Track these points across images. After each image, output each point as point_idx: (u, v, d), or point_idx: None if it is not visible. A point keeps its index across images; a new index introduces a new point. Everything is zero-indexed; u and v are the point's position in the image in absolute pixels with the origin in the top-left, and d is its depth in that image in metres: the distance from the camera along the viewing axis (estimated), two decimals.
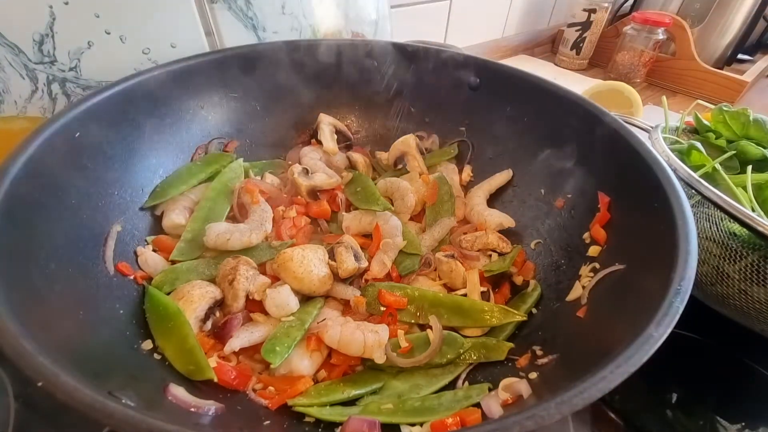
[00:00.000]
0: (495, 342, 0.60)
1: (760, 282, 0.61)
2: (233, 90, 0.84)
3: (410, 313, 0.63)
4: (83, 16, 0.74)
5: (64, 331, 0.47)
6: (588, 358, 0.47)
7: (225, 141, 0.84)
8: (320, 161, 0.85)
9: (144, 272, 0.64)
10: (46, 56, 0.74)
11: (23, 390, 0.60)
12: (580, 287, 0.61)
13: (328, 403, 0.53)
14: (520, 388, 0.50)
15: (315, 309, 0.61)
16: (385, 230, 0.71)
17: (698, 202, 0.69)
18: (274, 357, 0.55)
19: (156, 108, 0.74)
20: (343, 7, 0.97)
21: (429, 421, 0.49)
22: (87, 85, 0.79)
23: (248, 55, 0.83)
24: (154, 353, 0.54)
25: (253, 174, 0.81)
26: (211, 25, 0.86)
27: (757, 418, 0.65)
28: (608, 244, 0.62)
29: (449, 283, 0.68)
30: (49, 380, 0.36)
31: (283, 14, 0.91)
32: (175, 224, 0.70)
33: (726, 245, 0.64)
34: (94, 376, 0.39)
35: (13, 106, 0.77)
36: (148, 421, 0.34)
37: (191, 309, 0.57)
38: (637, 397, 0.66)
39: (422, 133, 0.92)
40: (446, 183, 0.80)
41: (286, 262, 0.62)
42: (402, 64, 0.88)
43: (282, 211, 0.74)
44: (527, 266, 0.71)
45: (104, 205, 0.64)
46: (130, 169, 0.69)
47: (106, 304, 0.56)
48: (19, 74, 0.74)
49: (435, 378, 0.57)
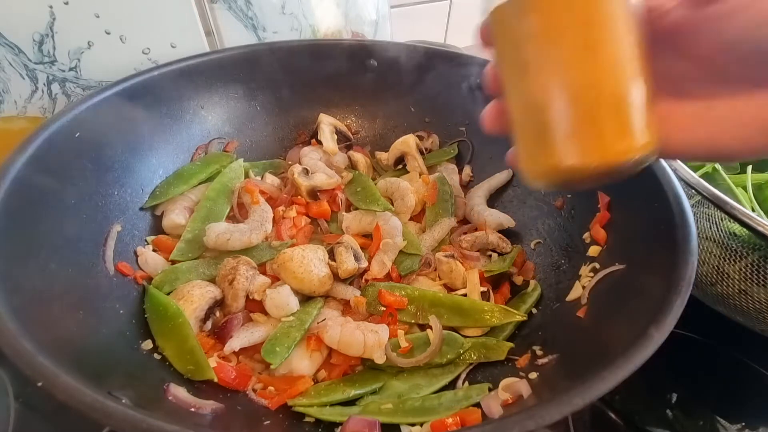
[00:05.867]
0: (495, 342, 0.60)
1: (760, 282, 0.61)
2: (233, 90, 0.84)
3: (410, 313, 0.63)
4: (83, 16, 0.74)
5: (64, 331, 0.47)
6: (588, 358, 0.47)
7: (225, 141, 0.84)
8: (320, 161, 0.85)
9: (144, 272, 0.64)
10: (46, 56, 0.74)
11: (23, 390, 0.60)
12: (580, 287, 0.61)
13: (328, 403, 0.53)
14: (520, 388, 0.50)
15: (315, 309, 0.61)
16: (385, 230, 0.71)
17: (698, 202, 0.69)
18: (274, 357, 0.55)
19: (156, 108, 0.74)
20: (343, 7, 0.97)
21: (429, 421, 0.49)
22: (87, 85, 0.79)
23: (248, 55, 0.83)
24: (154, 353, 0.54)
25: (253, 174, 0.81)
26: (211, 25, 0.86)
27: (757, 418, 0.65)
28: (608, 244, 0.62)
29: (449, 283, 0.68)
30: (49, 380, 0.36)
31: (283, 14, 0.91)
32: (175, 224, 0.70)
33: (726, 245, 0.64)
34: (94, 376, 0.39)
35: (13, 106, 0.77)
36: (148, 421, 0.34)
37: (191, 309, 0.57)
38: (637, 397, 0.66)
39: (422, 133, 0.92)
40: (446, 183, 0.80)
41: (286, 262, 0.62)
42: (402, 64, 0.88)
43: (282, 211, 0.74)
44: (527, 266, 0.71)
45: (104, 205, 0.64)
46: (130, 169, 0.69)
47: (106, 304, 0.56)
48: (19, 74, 0.74)
49: (435, 378, 0.57)
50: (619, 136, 0.32)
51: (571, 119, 0.32)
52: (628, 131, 0.32)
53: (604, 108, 0.32)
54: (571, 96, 0.32)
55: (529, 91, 0.34)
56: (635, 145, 0.32)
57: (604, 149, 0.32)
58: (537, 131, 0.34)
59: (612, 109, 0.32)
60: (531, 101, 0.34)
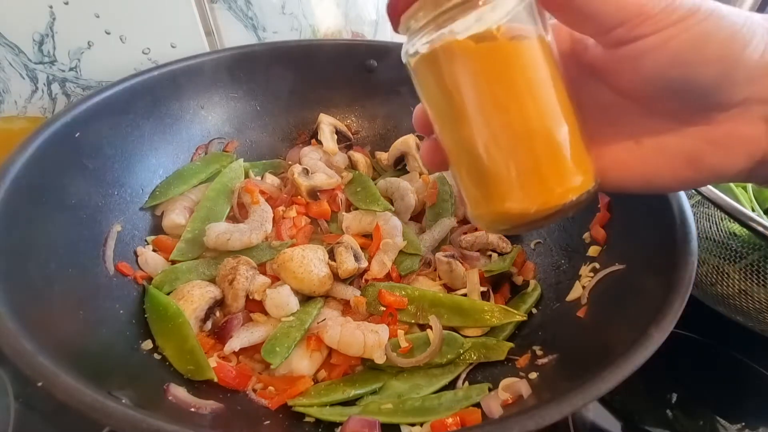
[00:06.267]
0: (495, 342, 0.60)
1: (760, 282, 0.61)
2: (233, 90, 0.84)
3: (410, 313, 0.63)
4: (83, 16, 0.74)
5: (64, 331, 0.47)
6: (588, 358, 0.47)
7: (225, 141, 0.84)
8: (320, 161, 0.85)
9: (144, 272, 0.64)
10: (46, 56, 0.74)
11: (23, 390, 0.60)
12: (580, 287, 0.61)
13: (328, 403, 0.53)
14: (520, 388, 0.50)
15: (315, 309, 0.61)
16: (385, 230, 0.71)
17: (698, 202, 0.69)
18: (274, 357, 0.55)
19: (156, 108, 0.74)
20: (343, 7, 0.97)
21: (429, 421, 0.49)
22: (87, 85, 0.79)
23: (248, 55, 0.83)
24: (154, 353, 0.54)
25: (253, 174, 0.81)
26: (211, 25, 0.86)
27: (757, 418, 0.65)
28: (608, 244, 0.62)
29: (449, 283, 0.68)
30: (49, 380, 0.36)
31: (283, 14, 0.91)
32: (175, 224, 0.70)
33: (726, 245, 0.64)
34: (94, 376, 0.39)
35: (13, 106, 0.77)
36: (148, 421, 0.34)
37: (191, 309, 0.57)
38: (637, 397, 0.66)
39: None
40: (446, 183, 0.80)
41: (286, 262, 0.62)
42: (402, 64, 0.88)
43: (282, 211, 0.74)
44: (527, 266, 0.71)
45: (104, 205, 0.64)
46: (130, 169, 0.69)
47: (106, 304, 0.56)
48: (19, 74, 0.74)
49: (435, 378, 0.57)
50: (556, 179, 0.31)
51: (506, 167, 0.31)
52: (565, 173, 0.32)
53: (538, 153, 0.31)
54: (505, 144, 0.31)
55: (460, 139, 0.33)
56: (573, 185, 0.31)
57: (543, 193, 0.31)
58: (474, 177, 0.34)
59: (546, 154, 0.31)
60: (463, 149, 0.33)
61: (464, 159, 0.34)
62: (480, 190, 0.34)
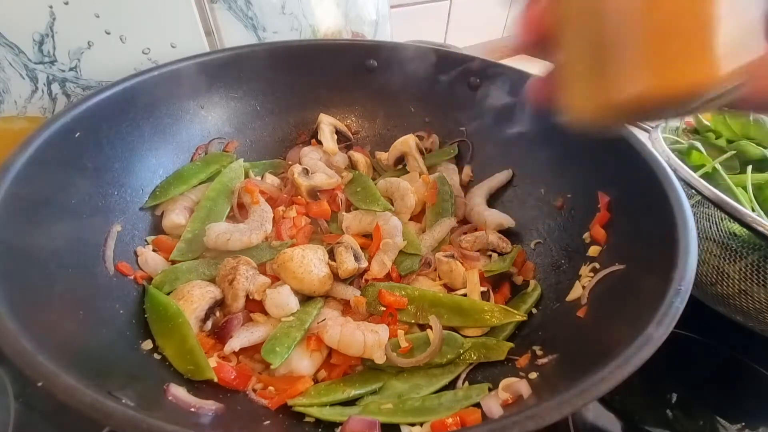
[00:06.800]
0: (495, 342, 0.60)
1: (760, 282, 0.61)
2: (233, 90, 0.85)
3: (410, 313, 0.63)
4: (83, 16, 0.74)
5: (64, 331, 0.47)
6: (588, 358, 0.47)
7: (225, 141, 0.84)
8: (320, 161, 0.85)
9: (144, 272, 0.64)
10: (46, 56, 0.74)
11: (23, 390, 0.60)
12: (580, 287, 0.61)
13: (328, 403, 0.53)
14: (520, 388, 0.50)
15: (315, 309, 0.61)
16: (385, 230, 0.71)
17: (698, 202, 0.69)
18: (274, 357, 0.55)
19: (156, 108, 0.74)
20: (343, 7, 0.98)
21: (429, 421, 0.49)
22: (87, 85, 0.79)
23: (248, 55, 0.83)
24: (154, 353, 0.54)
25: (253, 174, 0.81)
26: (211, 25, 0.86)
27: (757, 418, 0.65)
28: (608, 244, 0.62)
29: (449, 283, 0.68)
30: (49, 380, 0.36)
31: (283, 14, 0.91)
32: (175, 224, 0.70)
33: (726, 245, 0.64)
34: (94, 376, 0.39)
35: (13, 106, 0.77)
36: (148, 421, 0.34)
37: (191, 309, 0.57)
38: (637, 397, 0.66)
39: (422, 133, 0.92)
40: (446, 183, 0.80)
41: (286, 262, 0.62)
42: (402, 64, 0.88)
43: (282, 211, 0.74)
44: (527, 266, 0.71)
45: (104, 205, 0.64)
46: (130, 169, 0.69)
47: (106, 304, 0.56)
48: (19, 74, 0.74)
49: (435, 378, 0.57)
50: (704, 59, 0.28)
51: (653, 36, 0.29)
52: (715, 55, 0.28)
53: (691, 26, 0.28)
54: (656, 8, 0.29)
55: (604, 10, 0.30)
56: (719, 72, 0.28)
57: (686, 72, 0.28)
58: (604, 57, 0.31)
59: (699, 28, 0.28)
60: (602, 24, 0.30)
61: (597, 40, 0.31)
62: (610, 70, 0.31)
